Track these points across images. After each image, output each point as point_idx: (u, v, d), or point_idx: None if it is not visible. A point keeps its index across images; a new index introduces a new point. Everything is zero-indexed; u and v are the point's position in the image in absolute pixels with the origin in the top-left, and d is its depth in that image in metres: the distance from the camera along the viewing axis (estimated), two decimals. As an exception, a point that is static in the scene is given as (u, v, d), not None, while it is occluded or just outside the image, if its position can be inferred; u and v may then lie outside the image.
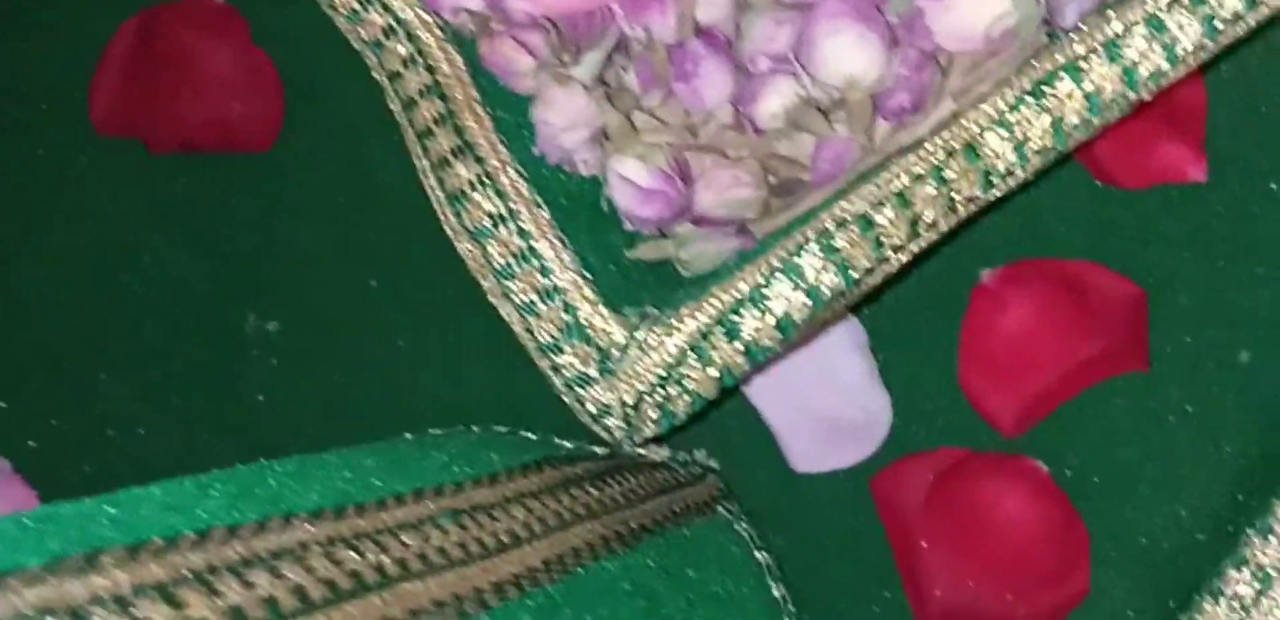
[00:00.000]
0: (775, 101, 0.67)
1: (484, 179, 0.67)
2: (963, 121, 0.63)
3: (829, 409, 0.80)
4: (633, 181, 0.66)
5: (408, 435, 0.71)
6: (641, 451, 0.79)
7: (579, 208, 0.69)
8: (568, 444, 0.76)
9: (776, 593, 0.77)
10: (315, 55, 0.88)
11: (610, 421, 0.65)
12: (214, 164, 0.89)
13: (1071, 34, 0.62)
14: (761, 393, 0.81)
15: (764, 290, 0.63)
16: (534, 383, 0.79)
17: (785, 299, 0.63)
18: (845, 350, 0.80)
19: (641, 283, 0.69)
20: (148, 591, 0.38)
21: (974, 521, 0.78)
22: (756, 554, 0.78)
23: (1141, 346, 0.77)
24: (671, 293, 0.69)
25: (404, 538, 0.51)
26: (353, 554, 0.46)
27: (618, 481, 0.71)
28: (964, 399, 0.80)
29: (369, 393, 0.87)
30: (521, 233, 0.67)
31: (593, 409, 0.65)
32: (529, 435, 0.77)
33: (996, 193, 0.63)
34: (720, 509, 0.78)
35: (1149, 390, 0.78)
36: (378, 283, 0.87)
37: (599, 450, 0.76)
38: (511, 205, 0.67)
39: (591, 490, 0.68)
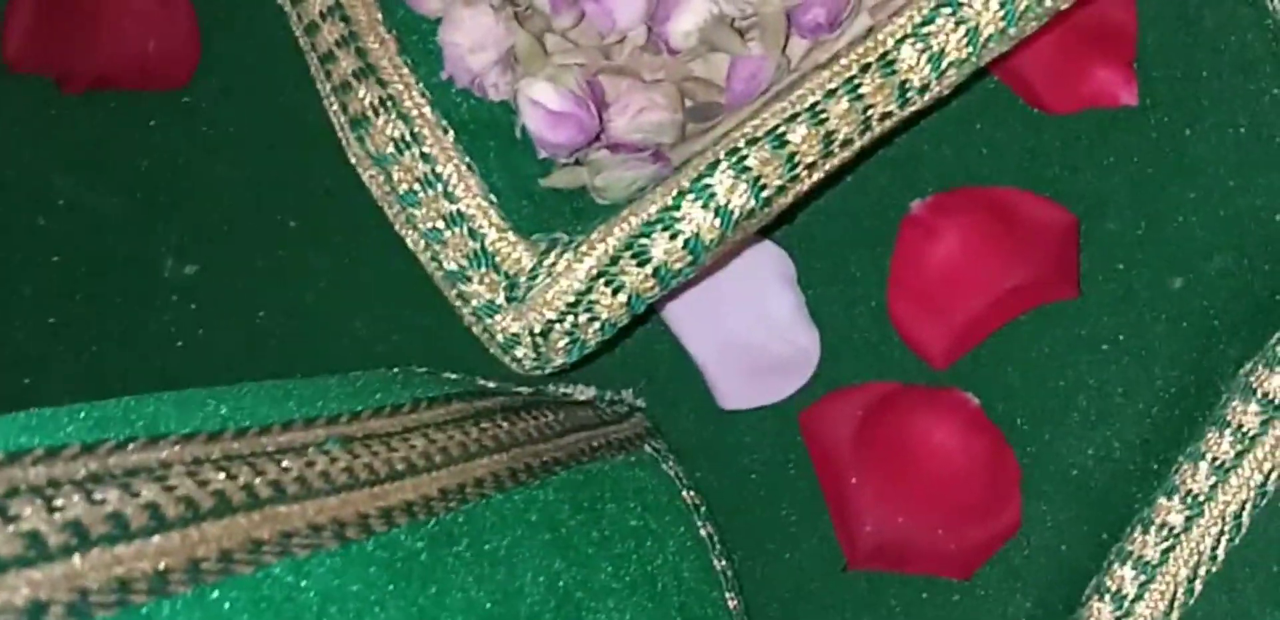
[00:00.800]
0: (689, 19, 0.64)
1: (386, 102, 0.64)
2: (878, 35, 0.60)
3: (757, 344, 0.78)
4: (543, 104, 0.64)
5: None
6: (567, 391, 0.76)
7: (489, 133, 0.66)
8: (490, 384, 0.73)
9: (704, 532, 0.75)
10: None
11: (519, 351, 0.62)
12: (129, 102, 0.86)
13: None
14: (689, 330, 0.78)
15: (673, 212, 0.60)
16: (461, 325, 0.77)
17: (695, 220, 0.60)
18: (773, 284, 0.78)
19: (557, 211, 0.66)
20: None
21: (904, 456, 0.76)
22: (684, 493, 0.76)
23: (1072, 274, 0.75)
24: (587, 222, 0.66)
25: (284, 462, 0.48)
26: (220, 474, 0.43)
27: (533, 416, 0.69)
28: (894, 332, 0.78)
29: (292, 337, 0.85)
30: (425, 157, 0.64)
31: (501, 339, 0.63)
32: (450, 375, 0.74)
33: (912, 107, 0.61)
34: (646, 447, 0.76)
35: (1080, 318, 0.76)
36: (297, 223, 0.84)
37: (523, 390, 0.74)
38: (415, 129, 0.64)
39: (503, 423, 0.66)
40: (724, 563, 0.75)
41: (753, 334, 0.78)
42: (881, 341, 0.78)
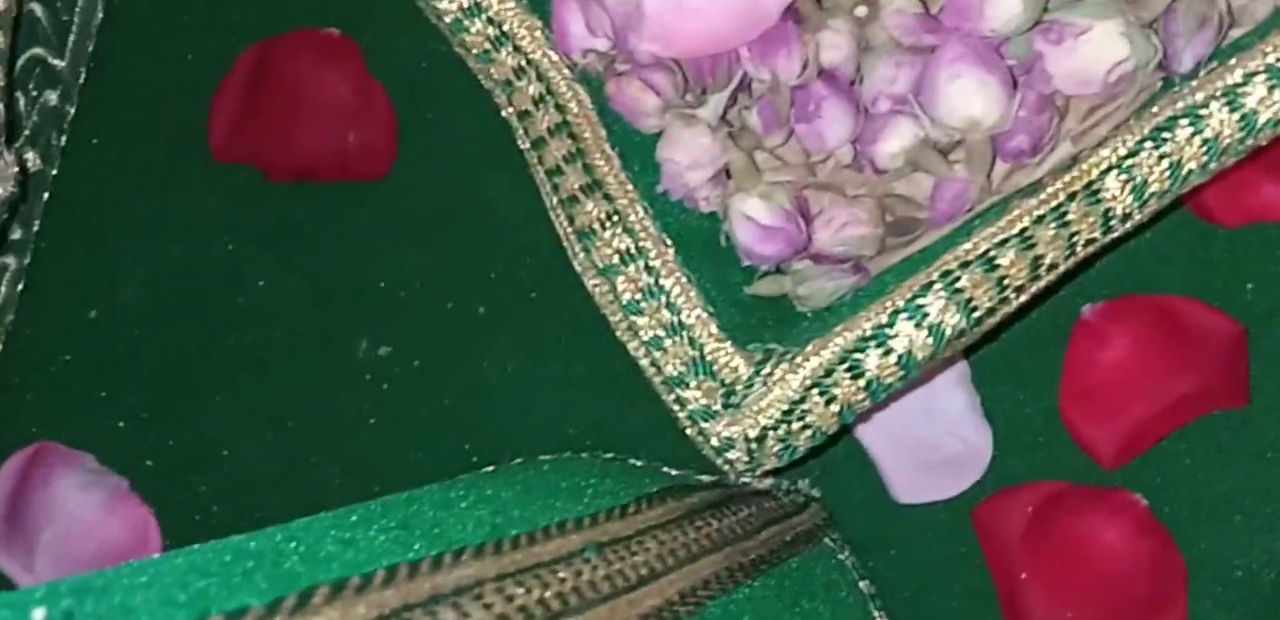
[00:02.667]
0: (895, 142, 0.68)
1: (613, 216, 0.69)
2: (1083, 165, 0.65)
3: (931, 440, 0.81)
4: (754, 219, 0.68)
5: (518, 460, 0.73)
6: (746, 480, 0.80)
7: (700, 244, 0.71)
8: (674, 472, 0.77)
9: (878, 620, 0.78)
10: (429, 85, 0.90)
11: (733, 454, 0.67)
12: (329, 192, 0.91)
13: (1192, 81, 0.64)
14: (865, 424, 0.82)
15: (888, 329, 0.65)
16: (639, 412, 0.82)
17: (908, 337, 0.65)
18: (948, 383, 0.82)
19: (759, 318, 0.70)
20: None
21: (1073, 553, 0.79)
22: (860, 583, 0.79)
23: (1241, 382, 0.79)
24: (788, 329, 0.70)
25: (560, 572, 0.53)
26: (521, 590, 0.48)
27: (733, 511, 0.73)
28: (1064, 432, 0.81)
29: (477, 417, 0.89)
30: (649, 270, 0.68)
31: (715, 442, 0.67)
32: (636, 462, 0.79)
33: (1115, 234, 0.65)
34: (825, 539, 0.79)
35: (1247, 425, 0.80)
36: (486, 310, 0.89)
37: (704, 478, 0.78)
38: (640, 243, 0.69)
39: (712, 521, 0.70)
40: (895, 651, 0.79)
41: (926, 430, 0.82)
42: (1052, 441, 0.82)
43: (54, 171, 0.93)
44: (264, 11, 0.93)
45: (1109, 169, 0.64)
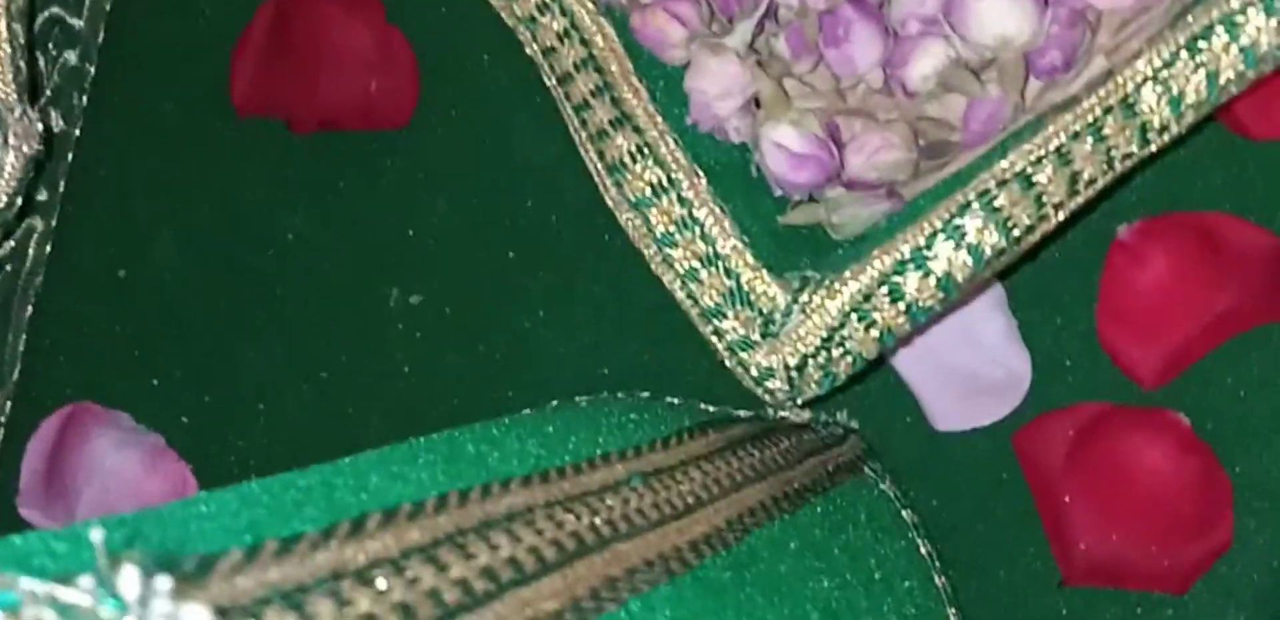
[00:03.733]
0: (926, 64, 0.67)
1: (643, 149, 0.68)
2: (1118, 78, 0.63)
3: (969, 367, 0.80)
4: (786, 147, 0.67)
5: (555, 402, 0.72)
6: (785, 414, 0.79)
7: (731, 175, 0.70)
8: (711, 408, 0.76)
9: (924, 550, 0.78)
10: (448, 31, 0.89)
11: (773, 384, 0.66)
12: (352, 142, 0.90)
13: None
14: (902, 353, 0.81)
15: (926, 251, 0.63)
16: (673, 351, 0.80)
17: (947, 259, 0.63)
18: (985, 309, 0.80)
19: (794, 247, 0.69)
20: (414, 554, 0.38)
21: (1117, 475, 0.78)
22: (903, 512, 0.78)
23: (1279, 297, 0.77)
24: (824, 256, 0.69)
25: (608, 500, 0.51)
26: (571, 516, 0.47)
27: (773, 443, 0.72)
28: (1104, 354, 0.80)
29: (512, 362, 0.88)
30: (682, 201, 0.67)
31: (755, 372, 0.66)
32: (673, 400, 0.78)
33: (1153, 148, 0.64)
34: (865, 469, 0.78)
35: (1288, 339, 0.78)
36: (515, 254, 0.88)
37: (743, 413, 0.77)
38: (672, 174, 0.67)
39: (754, 451, 0.69)
40: (943, 579, 0.78)
41: (965, 357, 0.81)
42: (1092, 363, 0.81)
43: (77, 132, 0.92)
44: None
45: (1144, 81, 0.63)
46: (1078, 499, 0.78)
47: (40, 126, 0.75)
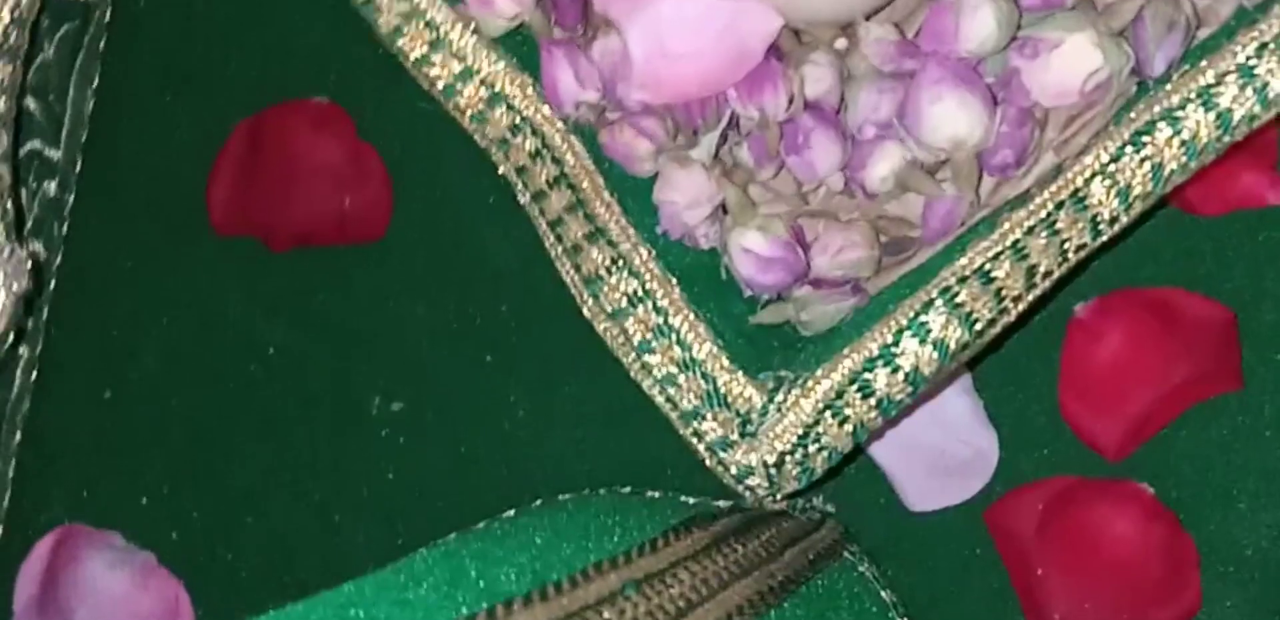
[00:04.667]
0: (884, 166, 0.68)
1: (618, 261, 0.69)
2: (1068, 174, 0.64)
3: (938, 447, 0.81)
4: (754, 251, 0.68)
5: (539, 501, 0.72)
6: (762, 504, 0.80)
7: (703, 279, 0.71)
8: (691, 500, 0.77)
9: (903, 629, 0.78)
10: (419, 145, 0.90)
11: (753, 481, 0.67)
12: (330, 256, 0.90)
13: (1166, 85, 0.63)
14: (872, 436, 0.82)
15: (893, 348, 0.65)
16: (651, 445, 0.81)
17: (914, 354, 0.65)
18: (951, 391, 0.81)
19: (765, 346, 0.70)
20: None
21: (1087, 546, 0.79)
22: (882, 593, 0.79)
23: (1234, 366, 0.79)
24: (794, 353, 0.70)
25: (605, 613, 0.52)
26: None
27: (756, 534, 0.72)
28: (1068, 429, 0.81)
29: (494, 463, 0.89)
30: (658, 309, 0.68)
31: (735, 471, 0.67)
32: (654, 494, 0.78)
33: (1104, 238, 0.65)
34: (844, 553, 0.79)
35: (1244, 408, 0.79)
36: (493, 357, 0.88)
37: (721, 504, 0.77)
38: (647, 284, 0.69)
39: (737, 546, 0.69)
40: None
41: (933, 437, 0.82)
42: (1057, 438, 0.82)
43: (58, 259, 0.92)
44: (251, 86, 0.92)
45: (1093, 176, 0.64)
46: (1050, 571, 0.79)
47: (29, 263, 0.75)
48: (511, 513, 0.71)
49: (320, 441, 0.91)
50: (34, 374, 0.93)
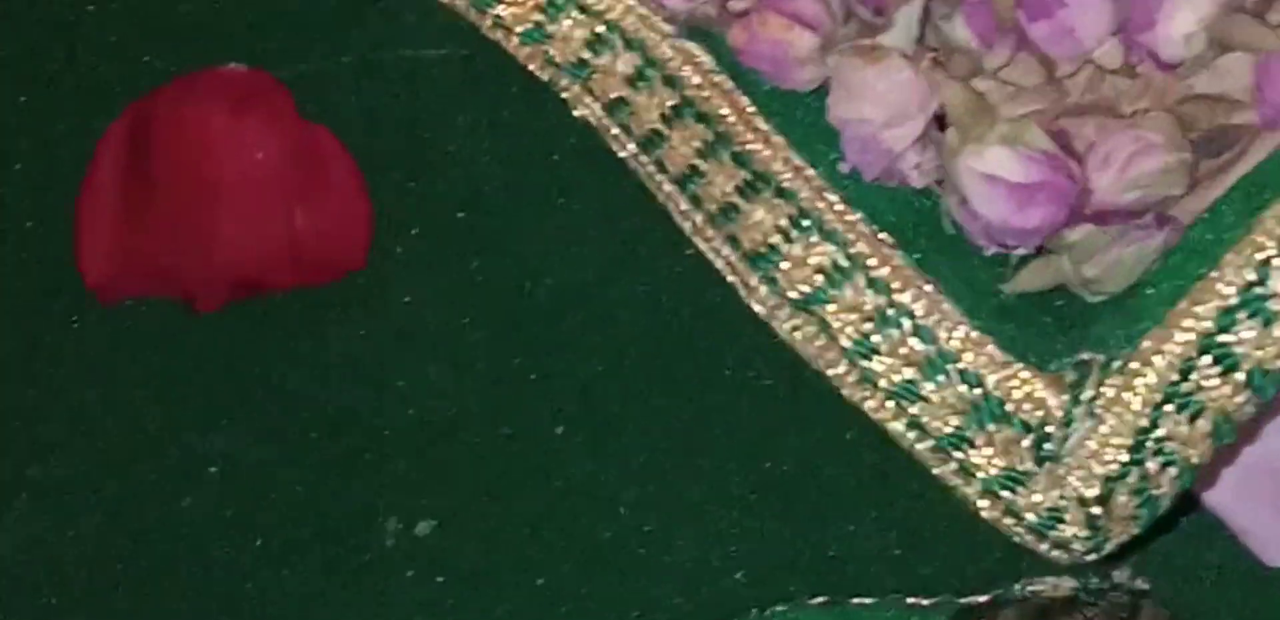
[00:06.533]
0: (1187, 16, 0.68)
1: (798, 220, 0.69)
2: None
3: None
4: (1003, 178, 0.68)
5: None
6: (1034, 588, 0.80)
7: (922, 237, 0.71)
8: (924, 601, 0.78)
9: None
10: (395, 116, 0.90)
11: (1066, 530, 0.67)
12: (284, 308, 0.91)
13: None
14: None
15: (1260, 287, 0.65)
16: (833, 530, 0.82)
17: (1296, 293, 0.64)
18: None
19: (1037, 324, 0.71)
20: None
21: None
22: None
23: None
24: (1083, 330, 0.70)
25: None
26: None
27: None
28: None
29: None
30: (874, 285, 0.68)
31: (1035, 519, 0.67)
32: (863, 600, 0.79)
33: None
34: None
35: None
36: (564, 429, 0.89)
37: (978, 599, 0.78)
38: (850, 249, 0.69)
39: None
40: None
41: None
42: None
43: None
44: (123, 66, 0.92)
45: None
46: None
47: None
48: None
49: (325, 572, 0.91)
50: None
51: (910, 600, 0.77)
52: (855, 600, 0.80)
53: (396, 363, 0.91)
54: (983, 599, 0.77)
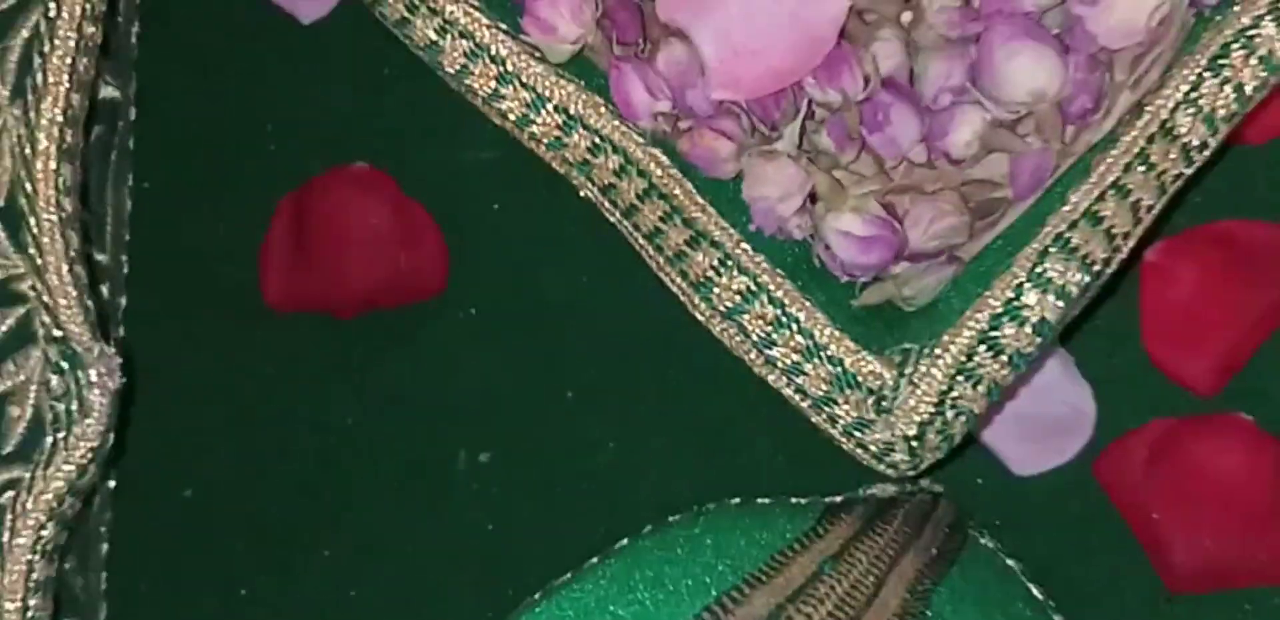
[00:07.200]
0: (966, 130, 0.69)
1: (725, 261, 0.70)
2: (1150, 109, 0.66)
3: (1035, 411, 0.82)
4: (853, 233, 0.69)
5: (648, 527, 0.73)
6: (871, 491, 0.80)
7: (802, 271, 0.72)
8: (803, 500, 0.78)
9: (1036, 593, 0.79)
10: (464, 195, 0.91)
11: (895, 456, 0.68)
12: (394, 317, 0.92)
13: (1234, 7, 0.65)
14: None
15: (1016, 303, 0.66)
16: (745, 457, 0.82)
17: (1039, 305, 0.66)
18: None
19: (874, 326, 0.71)
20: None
21: (1197, 483, 0.81)
22: (1008, 562, 0.79)
23: (1310, 286, 0.80)
24: (901, 330, 0.71)
25: (820, 589, 0.54)
26: (809, 608, 0.48)
27: (890, 517, 0.74)
28: (1158, 373, 0.82)
29: (592, 500, 0.89)
30: (774, 302, 0.69)
31: (875, 449, 0.68)
32: (762, 500, 0.79)
33: (1197, 164, 0.67)
34: (967, 527, 0.80)
35: (1327, 324, 0.80)
36: (573, 393, 0.89)
37: (835, 499, 0.78)
38: (758, 279, 0.70)
39: (885, 526, 0.72)
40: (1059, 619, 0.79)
41: (1029, 402, 0.82)
42: (1149, 382, 0.83)
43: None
44: (288, 163, 0.93)
45: (1177, 106, 0.66)
46: (1166, 513, 0.80)
47: (120, 360, 0.75)
48: (646, 530, 0.73)
49: (413, 506, 0.91)
50: (112, 482, 0.92)
51: (794, 500, 0.76)
52: (759, 500, 0.78)
53: (463, 354, 0.91)
54: (839, 499, 0.76)
